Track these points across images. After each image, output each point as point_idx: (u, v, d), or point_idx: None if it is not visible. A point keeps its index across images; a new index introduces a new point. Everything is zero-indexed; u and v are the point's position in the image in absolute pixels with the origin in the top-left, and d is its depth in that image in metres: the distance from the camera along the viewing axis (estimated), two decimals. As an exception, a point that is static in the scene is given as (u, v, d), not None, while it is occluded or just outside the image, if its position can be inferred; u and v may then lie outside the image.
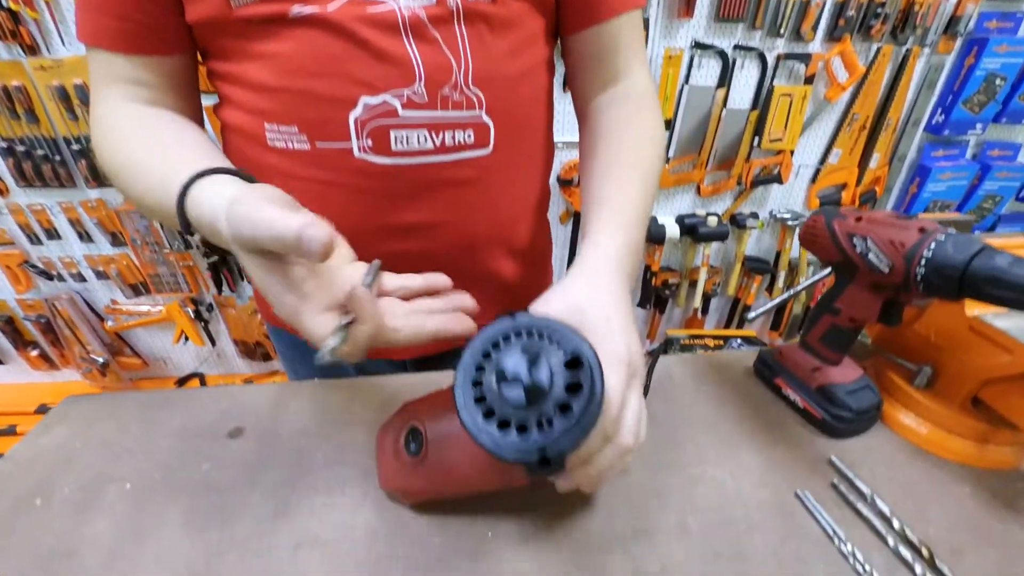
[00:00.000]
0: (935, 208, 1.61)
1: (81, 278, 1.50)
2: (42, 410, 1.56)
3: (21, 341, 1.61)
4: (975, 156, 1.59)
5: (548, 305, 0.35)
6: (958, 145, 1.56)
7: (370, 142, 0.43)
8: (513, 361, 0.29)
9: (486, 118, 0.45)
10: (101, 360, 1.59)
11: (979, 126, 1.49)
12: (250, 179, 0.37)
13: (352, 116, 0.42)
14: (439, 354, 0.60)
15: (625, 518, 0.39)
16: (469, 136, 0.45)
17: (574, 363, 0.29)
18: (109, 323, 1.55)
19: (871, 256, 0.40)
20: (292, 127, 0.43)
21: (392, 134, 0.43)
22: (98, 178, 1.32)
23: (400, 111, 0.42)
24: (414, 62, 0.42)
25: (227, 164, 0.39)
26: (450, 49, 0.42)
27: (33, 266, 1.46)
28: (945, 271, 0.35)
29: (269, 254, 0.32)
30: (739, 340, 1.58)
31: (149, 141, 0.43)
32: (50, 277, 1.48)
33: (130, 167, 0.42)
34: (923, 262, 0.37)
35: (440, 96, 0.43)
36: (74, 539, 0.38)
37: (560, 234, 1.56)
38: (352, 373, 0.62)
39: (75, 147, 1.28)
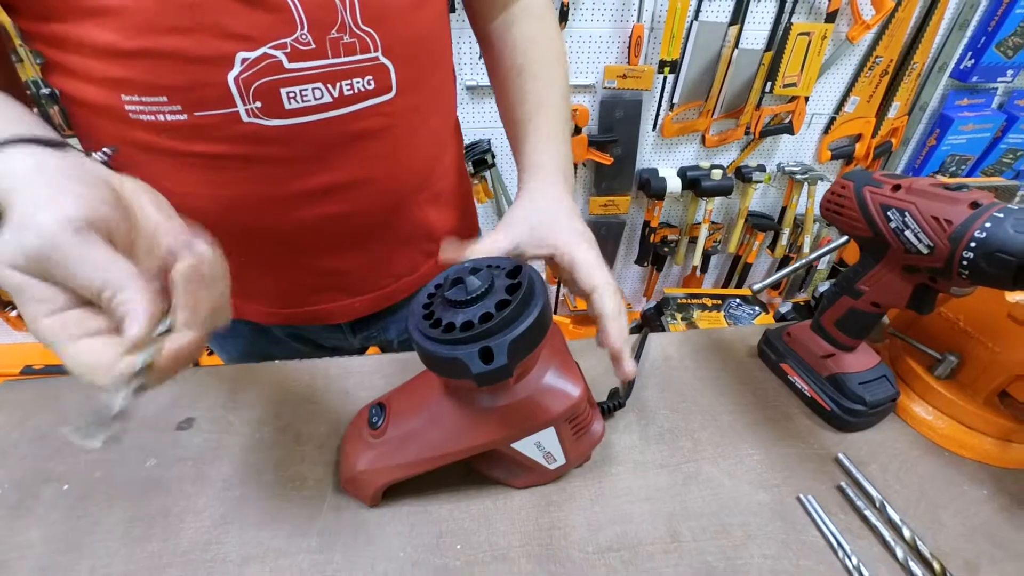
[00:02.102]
0: (952, 163, 1.52)
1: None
2: (27, 371, 1.53)
3: (1, 302, 1.56)
4: (1001, 106, 1.48)
5: (512, 228, 0.39)
6: (984, 93, 1.45)
7: (258, 104, 0.36)
8: (456, 270, 0.31)
9: (384, 59, 0.40)
10: (82, 320, 1.54)
11: (1010, 73, 1.37)
12: (58, 143, 0.26)
13: (231, 76, 0.35)
14: (377, 314, 0.57)
15: (609, 528, 0.35)
16: (369, 82, 0.39)
17: (514, 273, 0.31)
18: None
19: (908, 234, 0.34)
20: (159, 97, 0.35)
21: (283, 92, 0.37)
22: (54, 128, 1.22)
23: (286, 64, 0.36)
24: (292, 5, 0.34)
25: (35, 121, 0.28)
26: None
27: None
28: (1000, 256, 0.29)
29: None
30: (737, 300, 1.54)
31: None
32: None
33: None
34: (973, 244, 0.31)
35: (329, 41, 0.36)
36: (4, 548, 0.35)
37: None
38: (287, 342, 0.58)
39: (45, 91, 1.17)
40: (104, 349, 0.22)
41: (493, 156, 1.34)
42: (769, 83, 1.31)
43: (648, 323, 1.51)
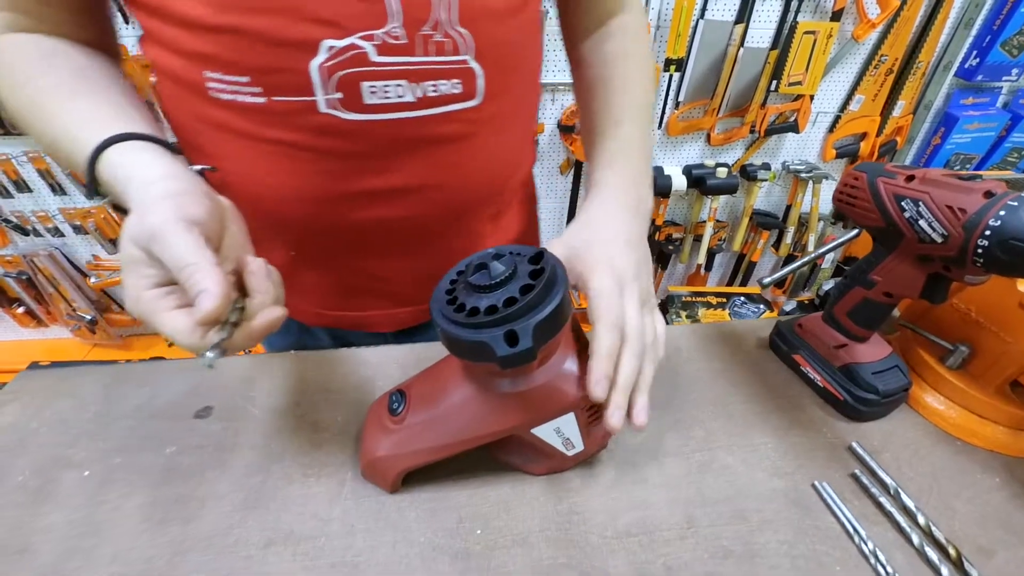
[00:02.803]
0: (956, 161, 1.52)
1: (59, 233, 1.43)
2: (34, 368, 1.54)
3: (5, 298, 1.56)
4: (1006, 105, 1.49)
5: (559, 242, 0.38)
6: (989, 92, 1.45)
7: (338, 95, 0.36)
8: (480, 256, 0.32)
9: (474, 63, 0.38)
10: (89, 317, 1.55)
11: (1015, 72, 1.37)
12: (174, 148, 0.34)
13: (314, 63, 0.34)
14: (421, 325, 0.56)
15: (627, 514, 0.36)
16: (455, 86, 0.38)
17: (537, 259, 0.31)
18: (93, 279, 1.50)
19: (922, 223, 0.34)
20: (241, 77, 0.35)
21: (364, 85, 0.35)
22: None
23: (372, 56, 0.35)
24: None
25: (142, 118, 0.35)
26: None
27: (7, 221, 1.39)
28: (1014, 244, 0.30)
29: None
30: (742, 298, 1.54)
31: (51, 84, 0.36)
32: (25, 232, 1.42)
33: (32, 113, 0.35)
34: (987, 232, 0.31)
35: (420, 38, 0.35)
36: (27, 532, 0.35)
37: (559, 186, 1.48)
38: (329, 345, 0.57)
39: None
40: (188, 320, 0.27)
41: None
42: (774, 81, 1.31)
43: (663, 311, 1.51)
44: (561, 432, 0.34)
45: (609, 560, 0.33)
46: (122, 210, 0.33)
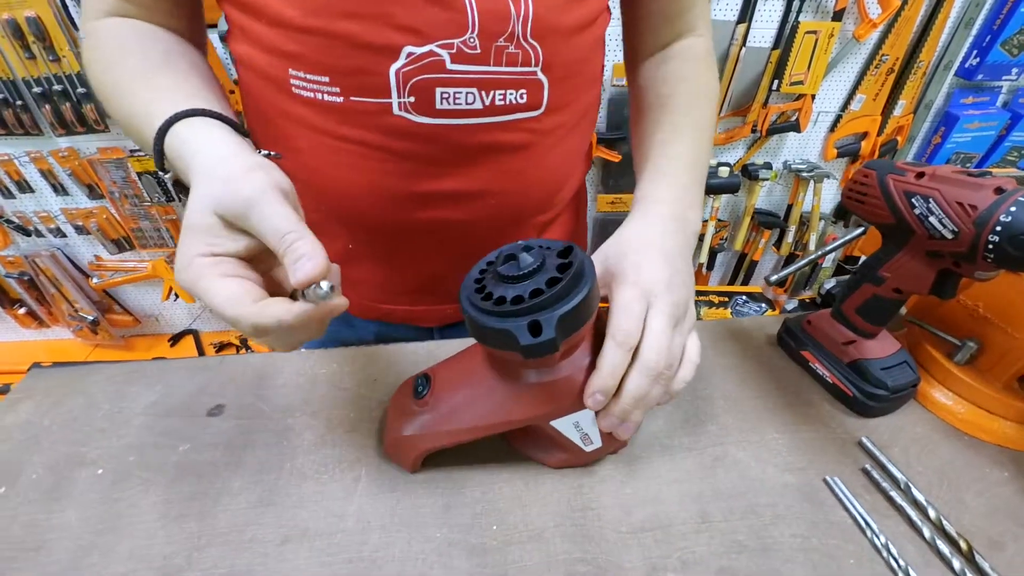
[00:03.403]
0: (957, 160, 1.53)
1: (60, 233, 1.43)
2: (35, 368, 1.54)
3: (7, 299, 1.56)
4: (1006, 104, 1.49)
5: (594, 254, 0.38)
6: (989, 92, 1.45)
7: (412, 99, 0.37)
8: (510, 248, 0.32)
9: (541, 75, 0.39)
10: (91, 318, 1.55)
11: (1015, 71, 1.38)
12: (240, 128, 0.34)
13: (393, 68, 0.36)
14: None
15: (641, 509, 0.36)
16: (522, 96, 0.39)
17: (566, 253, 0.31)
18: (95, 280, 1.50)
19: (932, 219, 0.35)
20: (323, 77, 0.37)
21: (437, 91, 0.37)
22: (65, 125, 1.22)
23: (448, 64, 0.36)
24: (468, 5, 0.35)
25: (217, 101, 0.37)
26: None
27: (8, 221, 1.39)
28: (1026, 240, 0.30)
29: (242, 229, 0.29)
30: (744, 297, 1.54)
31: (139, 62, 0.38)
32: (27, 233, 1.41)
33: (117, 89, 0.37)
34: (998, 228, 0.31)
35: (494, 49, 0.36)
36: (43, 530, 0.35)
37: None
38: (371, 340, 0.58)
39: (36, 90, 1.18)
40: (238, 288, 0.28)
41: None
42: (776, 81, 1.31)
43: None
44: (580, 427, 0.34)
45: (624, 555, 0.33)
46: (182, 186, 0.34)
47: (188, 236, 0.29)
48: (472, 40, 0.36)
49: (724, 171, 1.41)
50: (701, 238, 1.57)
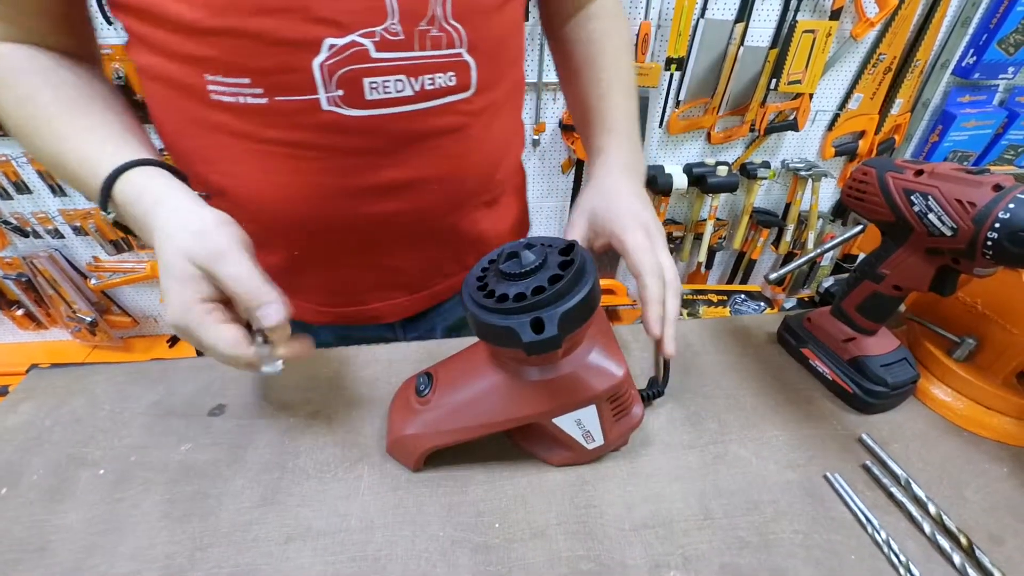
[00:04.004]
0: (954, 159, 1.53)
1: (59, 234, 1.43)
2: (34, 370, 1.53)
3: (4, 301, 1.56)
4: (1002, 103, 1.50)
5: (577, 222, 0.44)
6: (986, 90, 1.46)
7: (340, 92, 0.36)
8: (512, 245, 0.32)
9: (467, 56, 0.39)
10: (89, 319, 1.54)
11: (1011, 70, 1.39)
12: (180, 174, 0.37)
13: (316, 62, 0.35)
14: (424, 311, 0.56)
15: (643, 506, 0.36)
16: (451, 78, 0.39)
17: (567, 251, 0.31)
18: (93, 281, 1.49)
19: (931, 217, 0.35)
20: (243, 79, 0.35)
21: (365, 81, 0.36)
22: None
23: (372, 53, 0.35)
24: None
25: (143, 139, 0.39)
26: None
27: (6, 222, 1.39)
28: (1024, 236, 0.30)
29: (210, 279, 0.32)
30: (743, 295, 1.55)
31: (51, 101, 0.37)
32: (25, 234, 1.41)
33: (33, 126, 0.37)
34: (997, 225, 0.31)
35: (417, 33, 0.36)
36: (45, 531, 0.35)
37: (561, 184, 1.48)
38: (332, 342, 0.58)
39: (33, 90, 1.17)
40: (236, 332, 0.32)
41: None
42: (774, 80, 1.32)
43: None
44: (582, 424, 0.34)
45: (627, 552, 0.33)
46: (123, 227, 0.36)
47: (176, 283, 0.31)
48: (394, 26, 0.35)
49: (722, 170, 1.42)
50: (699, 237, 1.58)
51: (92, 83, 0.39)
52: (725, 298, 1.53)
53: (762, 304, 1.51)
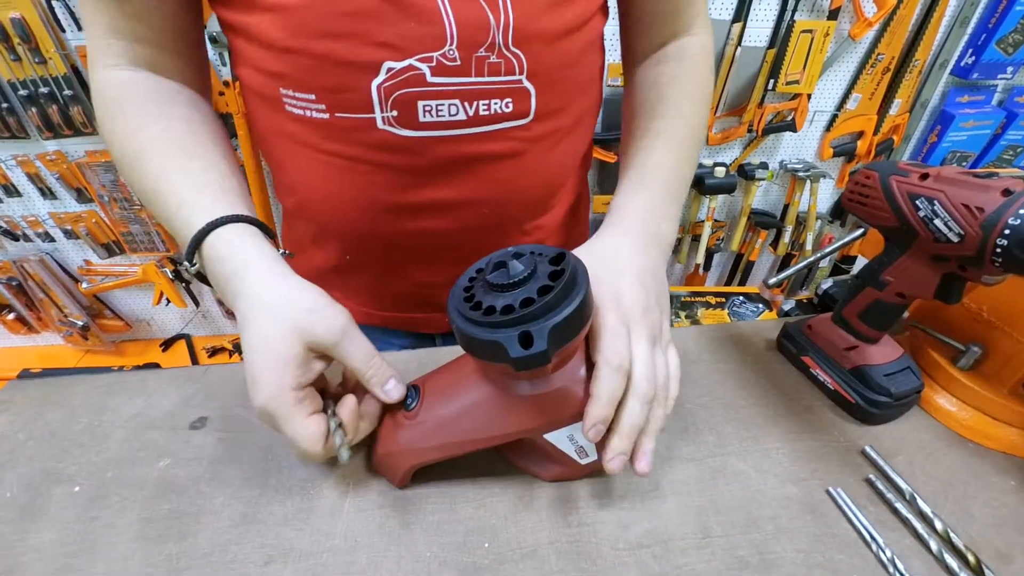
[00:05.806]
0: (953, 159, 1.52)
1: (49, 238, 1.41)
2: (25, 375, 1.51)
3: (-6, 304, 1.54)
4: (1001, 103, 1.49)
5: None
6: (984, 90, 1.45)
7: (394, 113, 0.37)
8: (500, 254, 0.31)
9: (527, 83, 0.39)
10: (81, 323, 1.53)
11: (1010, 70, 1.38)
12: (267, 230, 0.37)
13: (374, 83, 0.36)
14: None
15: (639, 524, 0.35)
16: (507, 105, 0.39)
17: (558, 260, 0.30)
18: (84, 285, 1.48)
19: (937, 222, 0.34)
20: (310, 94, 0.38)
21: (419, 104, 0.37)
22: (52, 128, 1.20)
23: (428, 77, 0.36)
24: (445, 17, 0.34)
25: (241, 187, 0.40)
26: (487, 1, 0.35)
27: (-5, 225, 1.37)
28: (1036, 244, 0.29)
29: (322, 356, 0.33)
30: (741, 297, 1.53)
31: (161, 133, 0.39)
32: (15, 237, 1.39)
33: (139, 161, 0.38)
34: (1006, 231, 0.30)
35: (475, 59, 0.36)
36: (16, 552, 0.34)
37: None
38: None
39: (22, 92, 1.16)
40: (322, 427, 0.32)
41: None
42: (772, 80, 1.31)
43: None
44: (575, 440, 0.33)
45: (622, 573, 0.32)
46: (203, 277, 0.36)
47: (271, 368, 0.31)
48: (452, 52, 0.36)
49: (720, 171, 1.40)
50: (697, 238, 1.56)
51: (204, 121, 0.42)
52: (723, 300, 1.52)
53: (760, 306, 1.49)
